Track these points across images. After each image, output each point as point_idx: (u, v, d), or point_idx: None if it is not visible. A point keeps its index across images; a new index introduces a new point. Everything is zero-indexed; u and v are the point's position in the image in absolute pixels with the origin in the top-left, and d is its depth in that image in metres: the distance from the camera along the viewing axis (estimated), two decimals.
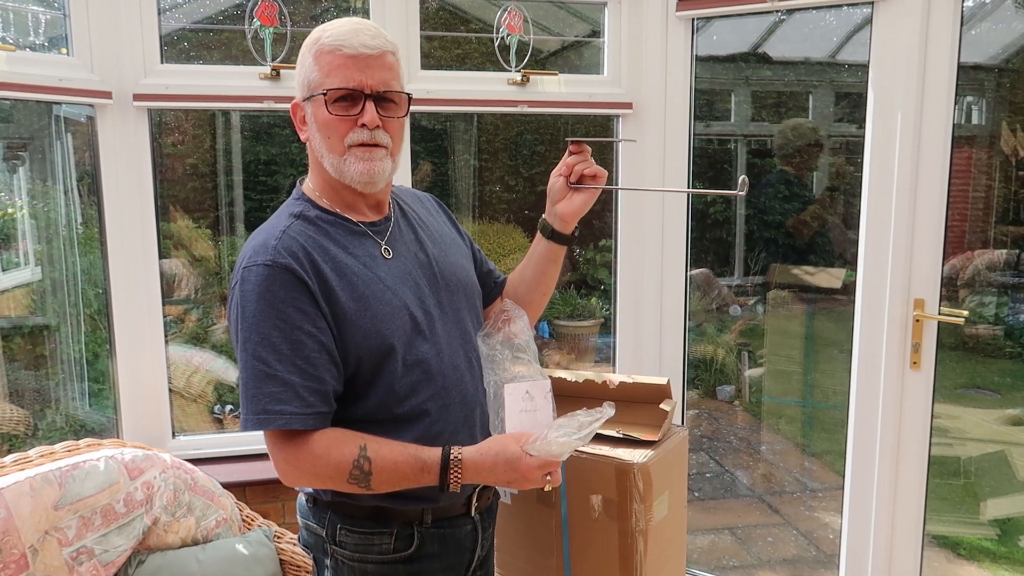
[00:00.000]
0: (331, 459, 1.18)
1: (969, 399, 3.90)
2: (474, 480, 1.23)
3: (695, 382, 4.41)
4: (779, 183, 3.52)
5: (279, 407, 1.16)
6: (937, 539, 3.06)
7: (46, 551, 1.65)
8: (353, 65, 1.22)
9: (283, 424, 1.16)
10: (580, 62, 3.90)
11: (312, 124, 1.27)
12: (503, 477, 1.21)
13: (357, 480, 1.19)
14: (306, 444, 1.18)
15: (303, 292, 1.18)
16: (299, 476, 1.22)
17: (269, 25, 2.29)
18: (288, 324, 1.17)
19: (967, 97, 4.40)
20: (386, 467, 1.19)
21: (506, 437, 1.23)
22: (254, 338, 1.17)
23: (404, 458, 1.20)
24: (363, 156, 1.25)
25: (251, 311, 1.17)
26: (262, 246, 1.21)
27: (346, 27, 1.23)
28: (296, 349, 1.17)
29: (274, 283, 1.17)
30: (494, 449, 1.22)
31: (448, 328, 1.33)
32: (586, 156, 1.42)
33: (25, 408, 3.08)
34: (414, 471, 1.20)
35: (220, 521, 1.95)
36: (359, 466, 1.18)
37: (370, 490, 1.21)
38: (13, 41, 2.23)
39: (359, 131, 1.24)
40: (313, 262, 1.20)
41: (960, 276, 4.16)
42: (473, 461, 1.21)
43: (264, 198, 4.77)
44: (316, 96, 1.23)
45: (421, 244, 1.38)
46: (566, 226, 1.44)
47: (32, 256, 3.36)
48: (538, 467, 1.19)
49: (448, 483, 1.20)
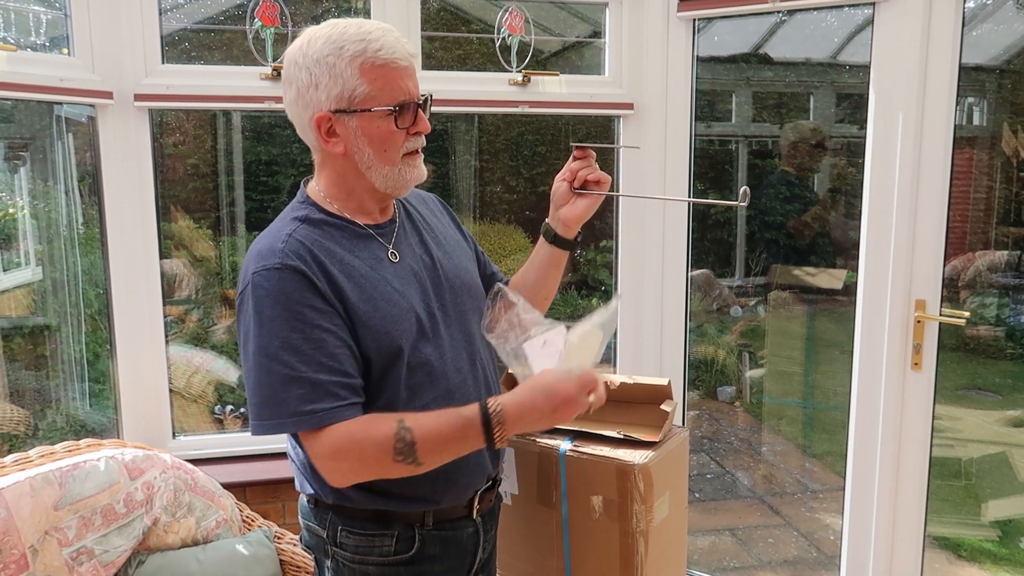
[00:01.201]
0: (372, 439, 1.16)
1: (970, 400, 3.90)
2: (519, 427, 1.17)
3: (696, 383, 4.41)
4: (780, 184, 3.52)
5: (310, 406, 1.14)
6: (938, 540, 3.06)
7: (46, 551, 1.65)
8: (406, 76, 1.22)
9: (318, 422, 1.15)
10: (581, 63, 3.90)
11: (358, 137, 1.23)
12: (546, 410, 1.16)
13: (403, 455, 1.15)
14: (345, 433, 1.16)
15: (315, 292, 1.18)
16: (347, 470, 1.19)
17: (270, 25, 2.29)
18: (306, 324, 1.16)
19: (968, 98, 4.40)
20: (428, 435, 1.16)
21: (541, 373, 1.20)
22: (275, 343, 1.15)
23: (444, 421, 1.17)
24: (414, 163, 1.27)
25: (267, 316, 1.16)
26: (268, 250, 1.20)
27: (388, 37, 1.20)
28: (318, 347, 1.16)
29: (286, 285, 1.16)
30: (528, 386, 1.18)
31: (452, 331, 1.33)
32: (590, 161, 1.41)
33: (25, 408, 3.08)
34: (457, 432, 1.17)
35: (220, 521, 1.95)
36: (401, 438, 1.15)
37: (418, 466, 1.17)
38: (14, 41, 2.23)
39: (414, 139, 1.25)
40: (321, 264, 1.20)
41: (961, 277, 4.16)
42: (513, 403, 1.17)
43: (265, 198, 4.77)
44: (375, 111, 1.20)
45: (426, 247, 1.37)
46: (569, 231, 1.44)
47: (33, 256, 3.37)
48: (577, 386, 1.15)
49: (494, 437, 1.16)
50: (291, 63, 1.24)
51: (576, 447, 1.63)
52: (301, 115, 1.25)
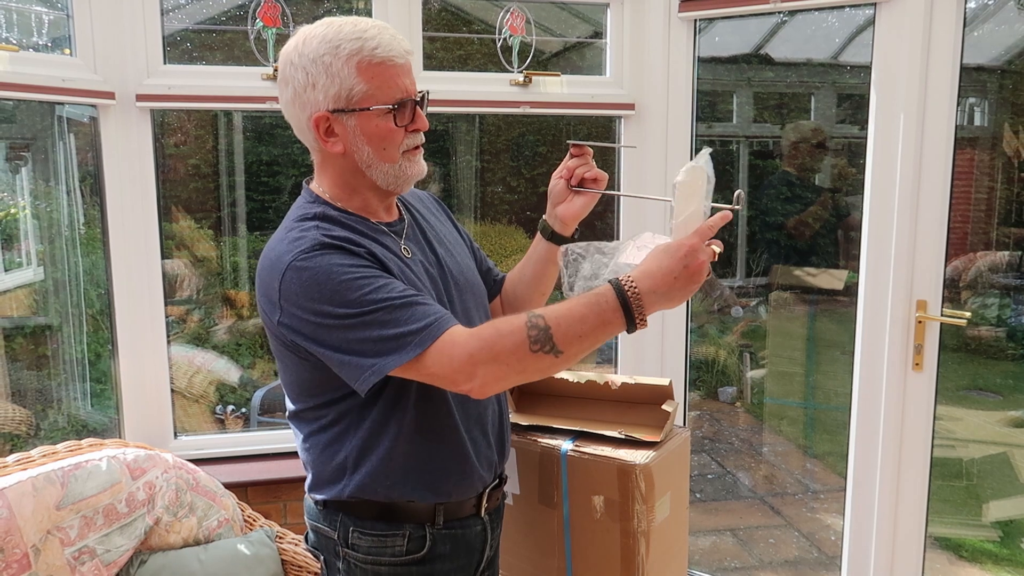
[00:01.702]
0: (501, 332, 1.11)
1: (971, 401, 3.90)
2: (654, 292, 1.10)
3: (697, 383, 4.41)
4: (781, 184, 3.52)
5: (423, 321, 1.11)
6: (939, 541, 3.06)
7: (48, 551, 1.66)
8: (403, 73, 1.21)
9: (439, 327, 1.11)
10: (582, 63, 3.90)
11: (357, 136, 1.22)
12: (676, 267, 1.10)
13: (540, 343, 1.10)
14: (467, 334, 1.12)
15: (360, 258, 1.16)
16: (486, 372, 1.11)
17: (272, 26, 2.29)
18: (368, 277, 1.13)
19: (969, 99, 4.40)
20: (562, 316, 1.11)
21: (654, 248, 1.16)
22: (353, 296, 1.11)
23: (577, 302, 1.13)
24: (414, 159, 1.27)
25: (330, 286, 1.12)
26: (301, 239, 1.17)
27: (384, 35, 1.19)
28: (391, 289, 1.13)
29: (332, 257, 1.14)
30: (652, 254, 1.14)
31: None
32: (587, 159, 1.41)
33: (27, 408, 3.08)
34: (592, 310, 1.11)
35: (222, 521, 1.95)
36: (534, 325, 1.10)
37: (558, 356, 1.10)
38: (16, 41, 2.23)
39: (414, 136, 1.25)
40: (357, 243, 1.19)
41: (962, 278, 4.16)
42: (640, 271, 1.12)
43: (266, 199, 4.78)
44: (373, 110, 1.20)
45: (431, 246, 1.38)
46: (566, 228, 1.44)
47: (35, 256, 3.37)
48: (697, 235, 1.12)
49: (631, 306, 1.10)
50: (287, 63, 1.22)
51: (577, 447, 1.63)
52: (299, 115, 1.24)
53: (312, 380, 1.25)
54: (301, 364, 1.24)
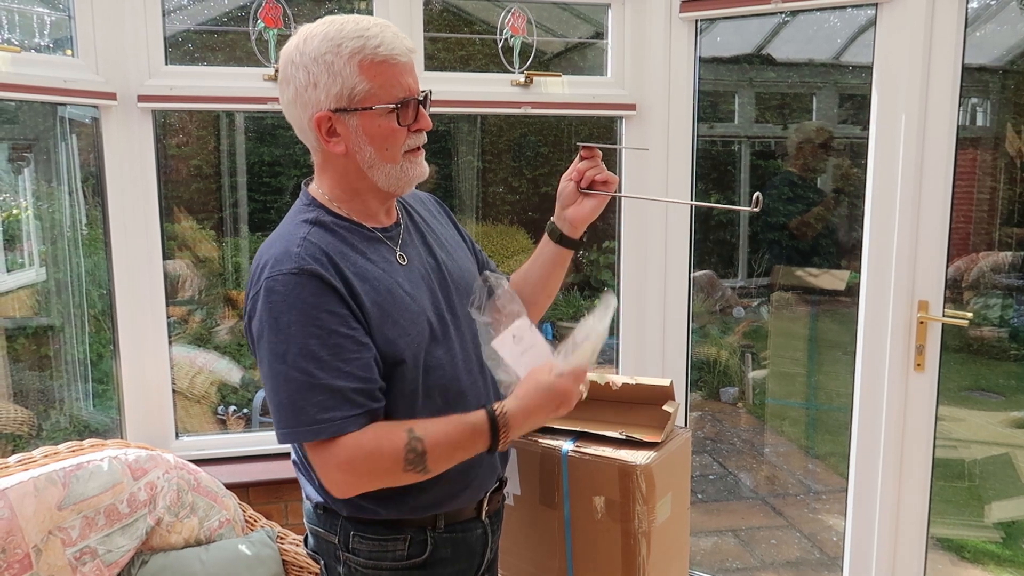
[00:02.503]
0: (384, 451, 1.15)
1: (973, 401, 3.89)
2: (523, 427, 1.22)
3: (698, 384, 4.41)
4: (783, 185, 3.51)
5: (327, 415, 1.13)
6: (941, 542, 3.05)
7: (50, 551, 1.66)
8: (406, 72, 1.20)
9: (335, 431, 1.13)
10: (583, 64, 3.90)
11: (359, 136, 1.20)
12: (549, 408, 1.22)
13: (414, 465, 1.16)
14: (357, 444, 1.14)
15: (333, 295, 1.16)
16: (355, 481, 1.17)
17: (273, 27, 2.29)
18: (324, 330, 1.14)
19: (972, 99, 4.39)
20: (438, 442, 1.17)
21: (532, 374, 1.25)
22: (293, 349, 1.13)
23: (453, 428, 1.19)
24: (416, 160, 1.26)
25: (285, 322, 1.13)
26: (284, 254, 1.17)
27: (386, 33, 1.18)
28: (336, 353, 1.14)
29: (303, 290, 1.14)
30: (530, 388, 1.22)
31: (461, 333, 1.32)
32: (597, 161, 1.40)
33: (29, 408, 3.09)
34: (465, 438, 1.19)
35: (223, 522, 1.95)
36: (412, 448, 1.15)
37: (427, 472, 1.17)
38: (18, 42, 2.24)
39: (415, 136, 1.24)
40: (337, 267, 1.18)
41: (965, 278, 4.15)
42: (517, 408, 1.21)
43: (268, 199, 4.79)
44: (376, 109, 1.18)
45: (430, 248, 1.37)
46: (575, 231, 1.43)
47: (37, 257, 3.37)
48: (573, 381, 1.22)
49: (499, 441, 1.19)
50: (288, 62, 1.20)
51: (578, 448, 1.63)
52: (300, 115, 1.22)
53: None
54: None
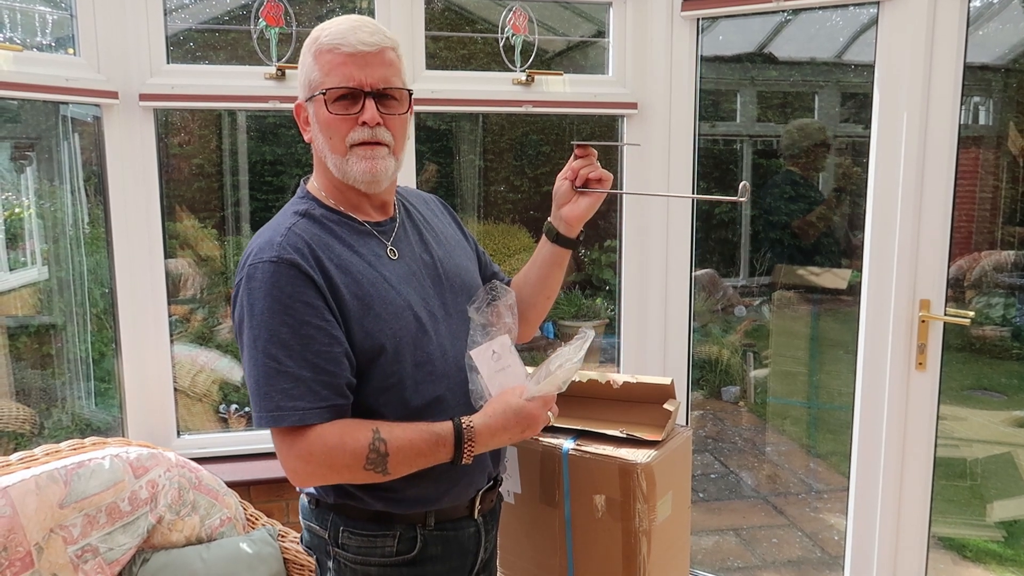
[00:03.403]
0: (346, 447, 1.17)
1: (975, 401, 3.88)
2: (487, 444, 1.24)
3: (700, 383, 4.41)
4: (785, 184, 3.51)
5: (291, 403, 1.15)
6: (943, 541, 3.05)
7: (51, 549, 1.66)
8: (352, 63, 1.21)
9: (297, 420, 1.15)
10: (585, 62, 3.91)
11: (314, 124, 1.26)
12: (515, 430, 1.25)
13: (374, 465, 1.17)
14: (319, 437, 1.16)
15: (309, 286, 1.18)
16: (312, 471, 1.19)
17: (275, 25, 2.29)
18: (297, 319, 1.16)
19: (974, 97, 4.38)
20: (402, 447, 1.18)
21: (503, 394, 1.28)
22: (264, 335, 1.16)
23: (418, 435, 1.20)
24: (365, 155, 1.24)
25: (259, 308, 1.17)
26: (267, 243, 1.20)
27: (344, 25, 1.23)
28: (306, 344, 1.16)
29: (280, 278, 1.17)
30: (499, 408, 1.25)
31: (453, 329, 1.33)
32: (592, 160, 1.41)
33: (31, 407, 3.09)
34: (429, 446, 1.20)
35: (224, 520, 1.95)
36: (375, 448, 1.17)
37: (386, 475, 1.19)
38: (20, 41, 2.24)
39: (360, 130, 1.24)
40: (318, 258, 1.20)
41: (967, 277, 4.14)
42: (484, 425, 1.23)
43: (270, 198, 4.79)
44: (317, 96, 1.23)
45: (426, 245, 1.37)
46: (571, 230, 1.44)
47: (39, 255, 3.38)
48: (541, 406, 1.26)
49: (463, 454, 1.21)
50: None
51: (579, 446, 1.63)
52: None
53: None
54: None
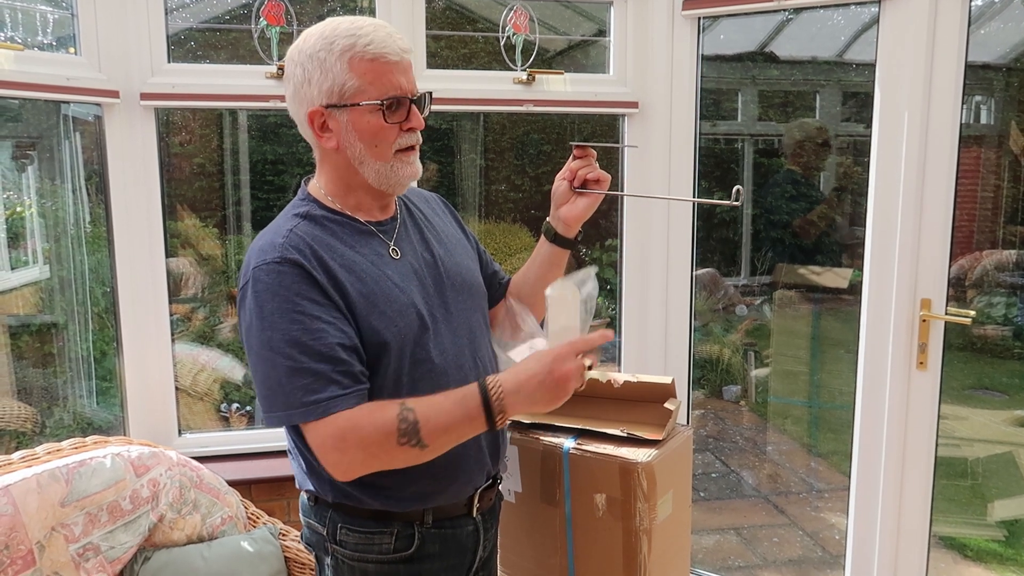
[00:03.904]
0: (376, 425, 1.15)
1: (977, 400, 3.88)
2: (519, 398, 1.16)
3: (701, 382, 4.41)
4: (786, 183, 3.51)
5: (314, 396, 1.14)
6: (944, 540, 3.05)
7: (53, 547, 1.66)
8: (397, 71, 1.22)
9: (322, 412, 1.14)
10: (586, 61, 3.91)
11: (349, 132, 1.24)
12: (543, 375, 1.15)
13: (408, 437, 1.14)
14: (348, 421, 1.15)
15: (315, 285, 1.18)
16: (351, 459, 1.17)
17: (276, 24, 2.30)
18: (305, 316, 1.16)
19: (975, 96, 4.38)
20: (431, 414, 1.16)
21: (529, 357, 1.21)
22: (277, 336, 1.16)
23: (446, 399, 1.17)
24: (408, 160, 1.27)
25: (268, 310, 1.16)
26: (269, 245, 1.21)
27: (380, 32, 1.21)
28: (319, 339, 1.16)
29: (286, 278, 1.17)
30: (524, 364, 1.19)
31: (454, 328, 1.33)
32: (590, 160, 1.41)
33: (33, 405, 3.09)
34: (458, 409, 1.16)
35: (225, 518, 1.96)
36: (404, 419, 1.15)
37: (423, 449, 1.16)
38: (21, 40, 2.24)
39: (407, 135, 1.26)
40: (320, 258, 1.21)
41: (968, 276, 4.14)
42: (509, 376, 1.17)
43: (271, 197, 4.79)
44: (363, 105, 1.21)
45: (427, 244, 1.38)
46: (569, 230, 1.44)
47: (40, 254, 3.38)
48: (568, 347, 1.16)
49: (493, 409, 1.15)
50: (289, 61, 1.26)
51: (580, 445, 1.63)
52: (298, 111, 1.27)
53: None
54: None
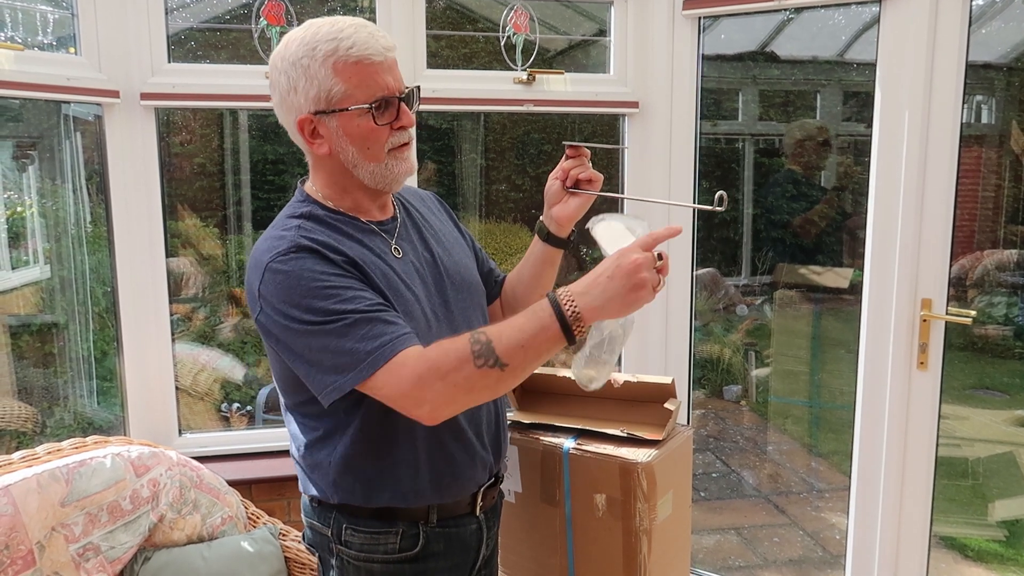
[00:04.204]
0: (448, 352, 1.12)
1: (977, 400, 3.88)
2: (596, 306, 1.10)
3: (701, 382, 4.41)
4: (786, 183, 3.51)
5: (376, 342, 1.12)
6: (944, 540, 3.05)
7: (53, 547, 1.66)
8: (383, 71, 1.20)
9: (391, 350, 1.11)
10: (586, 61, 3.90)
11: (340, 137, 1.22)
12: (611, 269, 1.11)
13: (484, 358, 1.10)
14: (420, 357, 1.12)
15: (335, 265, 1.17)
16: (436, 395, 1.11)
17: (276, 24, 2.30)
18: (337, 288, 1.15)
19: (976, 96, 4.38)
20: (503, 332, 1.12)
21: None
22: (315, 307, 1.13)
23: (519, 318, 1.13)
24: (403, 156, 1.26)
25: (298, 293, 1.14)
26: (279, 240, 1.19)
27: (360, 33, 1.19)
28: (358, 300, 1.14)
29: (307, 262, 1.16)
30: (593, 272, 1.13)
31: (455, 327, 1.33)
32: (583, 160, 1.40)
33: (33, 405, 3.10)
34: (534, 323, 1.11)
35: (226, 518, 1.96)
36: (476, 340, 1.11)
37: (504, 369, 1.10)
38: (21, 40, 2.24)
39: (399, 134, 1.24)
40: (334, 248, 1.20)
41: (969, 276, 4.14)
42: (578, 282, 1.12)
43: (271, 197, 4.79)
44: (351, 109, 1.20)
45: (427, 244, 1.38)
46: (562, 229, 1.44)
47: (41, 254, 3.39)
48: (636, 248, 1.12)
49: (566, 315, 1.09)
50: (272, 68, 1.25)
51: (580, 445, 1.63)
52: (287, 118, 1.26)
53: (295, 377, 1.25)
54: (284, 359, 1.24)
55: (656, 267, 1.13)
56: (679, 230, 1.15)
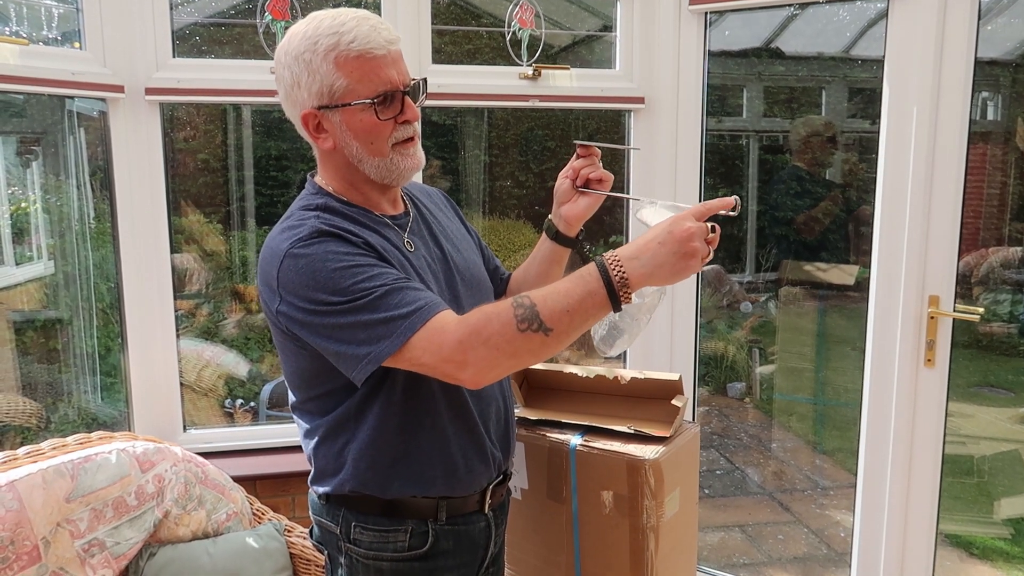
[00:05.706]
0: (490, 315, 1.10)
1: (983, 398, 3.87)
2: (644, 272, 1.08)
3: (706, 379, 4.40)
4: (791, 179, 3.50)
5: (413, 305, 1.10)
6: (950, 538, 3.04)
7: (58, 543, 1.66)
8: (385, 64, 1.19)
9: (429, 310, 1.10)
10: (592, 57, 3.89)
11: (344, 131, 1.22)
12: (662, 235, 1.08)
13: (528, 322, 1.07)
14: (459, 321, 1.11)
15: (357, 246, 1.16)
16: (479, 358, 1.09)
17: (281, 19, 2.29)
18: (363, 266, 1.13)
19: (983, 93, 4.36)
20: (548, 296, 1.09)
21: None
22: (345, 297, 1.11)
23: (564, 282, 1.11)
24: (407, 152, 1.25)
25: (324, 274, 1.12)
26: (298, 226, 1.17)
27: (362, 26, 1.17)
28: (385, 277, 1.13)
29: (329, 244, 1.14)
30: (643, 236, 1.12)
31: None
32: (593, 160, 1.39)
33: (38, 401, 3.10)
34: (580, 287, 1.09)
35: (231, 514, 1.96)
36: (520, 304, 1.08)
37: (548, 334, 1.08)
38: (26, 35, 2.24)
39: (404, 128, 1.23)
40: (354, 234, 1.19)
41: (974, 273, 4.12)
42: (629, 248, 1.10)
43: (275, 193, 4.78)
44: (354, 104, 1.19)
45: (437, 240, 1.37)
46: (570, 228, 1.43)
47: (45, 250, 3.39)
48: (688, 217, 1.09)
49: (612, 279, 1.07)
50: (276, 63, 1.24)
51: (586, 442, 1.62)
52: (292, 113, 1.26)
53: (311, 370, 1.25)
54: (300, 353, 1.24)
55: (707, 239, 1.10)
56: (732, 203, 1.11)
